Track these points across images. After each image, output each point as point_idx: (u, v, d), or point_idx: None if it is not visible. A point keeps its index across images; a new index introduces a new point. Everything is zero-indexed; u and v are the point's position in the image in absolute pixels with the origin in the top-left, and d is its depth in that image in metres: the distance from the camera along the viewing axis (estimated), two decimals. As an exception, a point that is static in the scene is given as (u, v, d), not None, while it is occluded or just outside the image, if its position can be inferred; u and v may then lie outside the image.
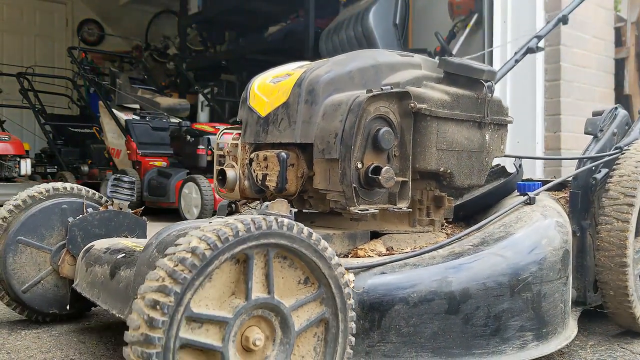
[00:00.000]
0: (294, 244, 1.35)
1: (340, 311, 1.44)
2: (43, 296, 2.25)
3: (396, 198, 1.87)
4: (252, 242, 1.29)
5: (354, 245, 1.90)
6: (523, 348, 1.78)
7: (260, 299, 1.33)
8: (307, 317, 1.42)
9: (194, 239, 1.25)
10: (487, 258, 1.78)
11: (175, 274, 1.20)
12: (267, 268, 1.34)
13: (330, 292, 1.43)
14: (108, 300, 1.81)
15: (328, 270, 1.41)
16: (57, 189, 2.30)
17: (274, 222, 1.32)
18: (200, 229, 1.28)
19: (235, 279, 1.33)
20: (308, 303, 1.41)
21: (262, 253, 1.33)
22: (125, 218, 2.31)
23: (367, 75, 1.95)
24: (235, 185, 2.04)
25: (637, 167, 2.13)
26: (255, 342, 1.32)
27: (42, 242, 2.25)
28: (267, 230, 1.31)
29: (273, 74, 2.10)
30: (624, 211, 2.08)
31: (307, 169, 1.93)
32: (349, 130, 1.74)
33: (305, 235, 1.37)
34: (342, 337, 1.45)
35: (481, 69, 1.99)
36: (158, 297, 1.19)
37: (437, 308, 1.67)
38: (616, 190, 2.11)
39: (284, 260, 1.39)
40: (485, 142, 2.05)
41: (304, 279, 1.42)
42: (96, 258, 1.99)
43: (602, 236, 2.10)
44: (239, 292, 1.32)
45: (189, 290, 1.21)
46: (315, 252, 1.38)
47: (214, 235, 1.25)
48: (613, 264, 2.08)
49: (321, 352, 1.45)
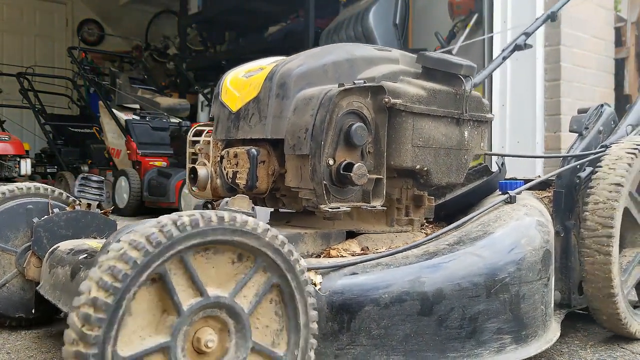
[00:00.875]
0: (208, 237, 1.26)
1: (286, 271, 1.38)
2: (9, 299, 2.20)
3: (370, 196, 1.82)
4: (157, 261, 1.19)
5: (327, 245, 1.85)
6: (501, 351, 1.73)
7: (194, 304, 1.25)
8: (254, 292, 1.36)
9: (93, 285, 1.15)
10: (463, 258, 1.73)
11: (86, 337, 1.11)
12: (189, 272, 1.26)
13: (269, 259, 1.36)
14: (68, 302, 1.74)
15: (257, 241, 1.33)
16: (22, 189, 2.25)
17: (173, 229, 1.21)
18: (98, 266, 1.17)
19: (160, 296, 1.24)
20: (250, 279, 1.35)
21: (176, 260, 1.24)
22: (93, 218, 2.23)
23: (342, 69, 1.90)
24: (207, 184, 2.00)
25: (611, 191, 2.07)
26: (208, 344, 1.27)
27: (6, 243, 2.19)
28: (168, 241, 1.19)
29: (246, 69, 2.05)
30: (604, 243, 2.03)
31: (278, 166, 1.88)
32: (319, 125, 1.69)
33: (215, 223, 1.27)
34: (299, 292, 1.40)
35: (459, 63, 1.93)
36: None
37: (409, 309, 1.61)
38: (593, 220, 2.06)
39: (206, 252, 1.29)
40: (464, 139, 2.00)
41: (237, 257, 1.34)
42: (59, 259, 1.94)
43: (586, 269, 2.07)
44: (169, 308, 1.24)
45: (108, 344, 1.13)
46: (235, 232, 1.29)
47: (110, 278, 1.14)
48: (601, 295, 2.05)
49: (284, 314, 1.41)
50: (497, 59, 2.66)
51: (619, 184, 2.05)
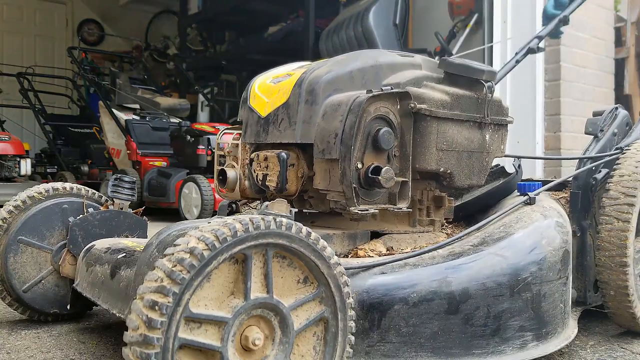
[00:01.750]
0: (293, 244, 1.36)
1: (339, 310, 1.44)
2: (44, 296, 2.26)
3: (396, 198, 1.87)
4: (250, 242, 1.29)
5: (354, 245, 1.90)
6: (523, 348, 1.78)
7: (259, 298, 1.33)
8: (306, 316, 1.42)
9: (193, 239, 1.25)
10: (487, 258, 1.78)
11: (174, 275, 1.20)
12: (266, 268, 1.34)
13: (329, 291, 1.43)
14: (108, 299, 1.81)
15: (327, 269, 1.41)
16: (58, 189, 2.30)
17: (272, 222, 1.32)
18: (198, 229, 1.28)
19: (234, 279, 1.32)
20: (307, 302, 1.41)
21: (261, 253, 1.33)
22: (126, 218, 2.31)
23: (368, 75, 1.95)
24: (236, 186, 2.04)
25: (637, 167, 2.12)
26: (255, 342, 1.32)
27: (42, 241, 2.25)
28: (265, 230, 1.30)
29: (274, 74, 2.10)
30: (624, 211, 2.07)
31: (307, 169, 1.93)
32: (349, 130, 1.74)
33: (303, 235, 1.37)
34: (342, 336, 1.45)
35: (481, 69, 1.99)
36: (157, 298, 1.19)
37: (436, 308, 1.67)
38: (617, 190, 2.11)
39: (283, 259, 1.39)
40: (486, 143, 2.05)
41: (303, 279, 1.42)
42: (97, 258, 1.99)
43: (602, 236, 2.10)
44: (238, 292, 1.32)
45: (188, 290, 1.21)
46: (314, 251, 1.39)
47: (212, 236, 1.25)
48: (613, 264, 2.08)
49: (321, 351, 1.45)
50: (510, 62, 2.72)
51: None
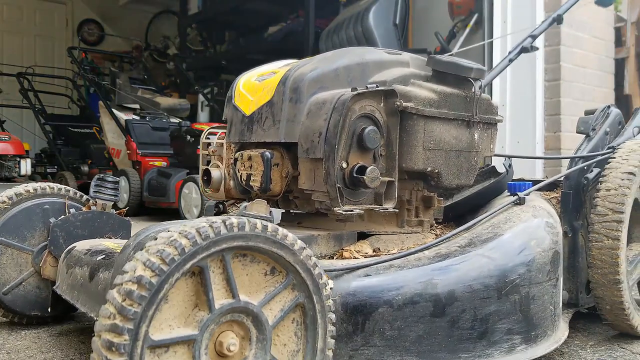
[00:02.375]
0: (250, 242, 1.31)
1: (314, 293, 1.41)
2: (24, 298, 2.22)
3: (382, 198, 1.84)
4: (202, 253, 1.24)
5: (340, 246, 1.87)
6: (511, 351, 1.75)
7: (225, 305, 1.29)
8: (280, 307, 1.39)
9: (139, 265, 1.19)
10: (474, 259, 1.75)
11: (125, 311, 1.15)
12: (226, 272, 1.30)
13: (299, 277, 1.39)
14: (87, 302, 1.78)
15: (292, 256, 1.37)
16: (38, 189, 2.27)
17: (221, 227, 1.26)
18: (145, 250, 1.22)
19: (195, 290, 1.28)
20: (278, 294, 1.38)
21: (218, 259, 1.29)
22: (109, 219, 2.26)
23: (354, 73, 1.92)
24: (221, 185, 2.01)
25: (623, 180, 2.08)
26: (230, 348, 1.30)
27: (23, 243, 2.22)
28: (215, 237, 1.25)
29: (259, 72, 2.07)
30: (613, 228, 2.03)
31: (291, 168, 1.90)
32: (333, 129, 1.71)
33: (259, 230, 1.32)
34: (321, 317, 1.43)
35: (469, 66, 1.95)
36: (112, 338, 1.14)
37: (422, 311, 1.63)
38: (604, 206, 2.07)
39: (244, 257, 1.34)
40: (474, 142, 2.02)
41: (270, 270, 1.38)
42: (77, 259, 1.96)
43: (593, 254, 2.07)
44: (202, 303, 1.28)
45: (143, 322, 1.16)
46: (275, 243, 1.34)
47: (158, 259, 1.19)
48: (607, 281, 2.06)
49: (303, 336, 1.43)
50: (503, 61, 2.67)
51: (631, 173, 2.07)
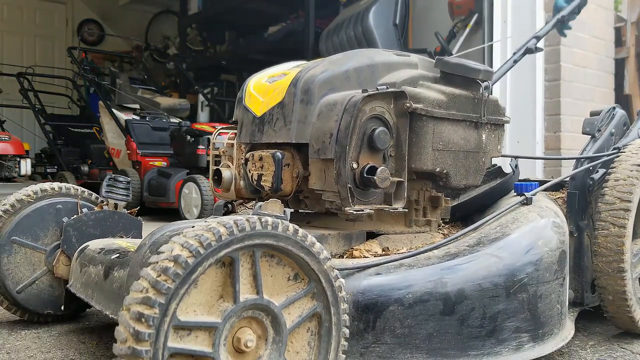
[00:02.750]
0: (280, 242, 1.34)
1: (332, 305, 1.43)
2: (38, 296, 2.25)
3: (392, 198, 1.87)
4: (236, 244, 1.28)
5: (349, 245, 1.89)
6: (519, 349, 1.77)
7: (249, 300, 1.31)
8: (298, 313, 1.41)
9: (176, 246, 1.23)
10: (483, 259, 1.77)
11: (159, 285, 1.18)
12: (254, 268, 1.33)
13: (320, 287, 1.42)
14: (102, 300, 1.81)
15: (317, 265, 1.39)
16: (52, 189, 2.29)
17: (257, 223, 1.30)
18: (182, 235, 1.26)
19: (222, 282, 1.31)
20: (299, 299, 1.40)
21: (248, 254, 1.32)
22: (120, 218, 2.29)
23: (363, 74, 1.94)
24: (231, 186, 2.03)
25: (632, 170, 2.11)
26: (247, 344, 1.31)
27: (36, 242, 2.24)
28: (250, 231, 1.29)
29: (269, 74, 2.09)
30: (620, 216, 2.06)
31: (302, 169, 1.92)
32: (344, 130, 1.73)
33: (291, 233, 1.35)
34: (336, 330, 1.44)
35: (478, 68, 1.98)
36: (143, 310, 1.17)
37: (432, 309, 1.65)
38: (612, 195, 2.09)
39: (271, 258, 1.37)
40: (482, 142, 2.04)
41: (293, 276, 1.41)
42: (90, 258, 1.98)
43: (599, 241, 2.09)
44: (227, 295, 1.31)
45: (174, 300, 1.19)
46: (303, 248, 1.37)
47: (196, 242, 1.23)
48: (611, 269, 2.07)
49: (315, 347, 1.44)
50: (508, 62, 2.70)
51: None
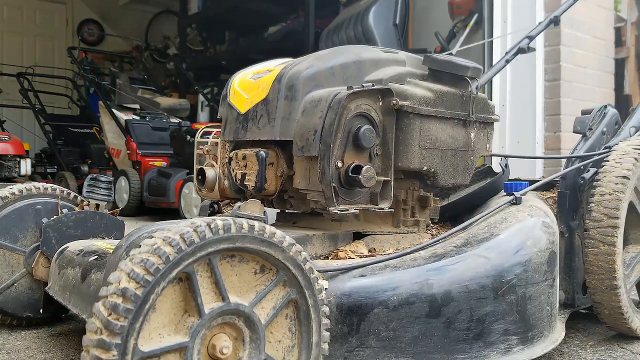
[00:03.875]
0: (237, 243, 1.29)
1: (305, 288, 1.40)
2: (17, 299, 2.20)
3: (378, 198, 1.83)
4: (187, 260, 1.21)
5: (335, 246, 1.85)
6: (507, 352, 1.74)
7: (215, 309, 1.27)
8: (272, 305, 1.37)
9: (123, 276, 1.16)
10: (470, 260, 1.74)
11: (111, 325, 1.12)
12: (214, 276, 1.28)
13: (290, 274, 1.38)
14: (79, 304, 1.76)
15: (282, 254, 1.35)
16: (31, 189, 2.25)
17: (206, 230, 1.24)
18: (129, 259, 1.19)
19: (183, 296, 1.26)
20: (270, 292, 1.36)
21: (204, 263, 1.27)
22: (102, 219, 2.24)
23: (349, 71, 1.91)
24: (215, 185, 2.00)
25: (617, 184, 2.07)
26: (223, 350, 1.28)
27: (15, 243, 2.19)
28: (200, 242, 1.22)
29: (254, 70, 2.05)
30: (609, 234, 2.02)
31: (287, 167, 1.89)
32: (328, 127, 1.70)
33: (246, 230, 1.29)
34: (314, 311, 1.42)
35: (466, 65, 1.94)
36: (100, 354, 1.12)
37: (417, 311, 1.62)
38: (599, 211, 2.06)
39: (232, 258, 1.32)
40: (471, 141, 2.01)
41: (259, 269, 1.36)
42: (69, 260, 1.94)
43: (590, 259, 2.07)
44: (191, 309, 1.26)
45: (131, 336, 1.14)
46: (262, 242, 1.32)
47: (142, 270, 1.16)
48: (604, 287, 2.05)
49: (297, 331, 1.42)
50: (500, 62, 2.67)
51: (625, 177, 2.06)
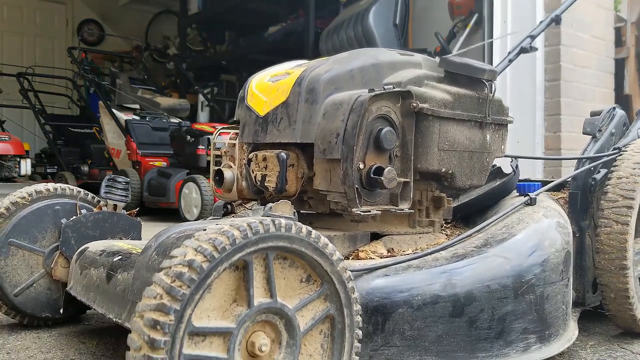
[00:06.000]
0: (294, 245, 1.32)
1: (345, 306, 1.41)
2: (36, 299, 2.19)
3: (398, 199, 1.85)
4: (250, 248, 1.25)
5: (354, 247, 1.87)
6: (526, 351, 1.76)
7: (263, 304, 1.29)
8: (312, 315, 1.39)
9: (190, 250, 1.20)
10: (491, 260, 1.76)
11: (174, 291, 1.15)
12: (267, 272, 1.31)
13: (333, 288, 1.40)
14: (104, 304, 1.77)
15: (330, 266, 1.38)
16: (50, 190, 2.24)
17: (271, 225, 1.28)
18: (195, 238, 1.24)
19: (236, 286, 1.29)
20: (312, 302, 1.39)
21: (262, 257, 1.30)
22: (119, 219, 2.24)
23: (368, 74, 1.92)
24: (233, 186, 2.01)
25: (635, 169, 2.11)
26: (262, 348, 1.29)
27: (34, 244, 2.19)
28: (264, 234, 1.27)
29: (272, 73, 2.07)
30: (623, 213, 2.05)
31: (307, 169, 1.90)
32: (351, 130, 1.71)
33: (304, 234, 1.33)
34: (349, 331, 1.43)
35: (483, 68, 1.96)
36: (158, 317, 1.14)
37: (441, 311, 1.64)
38: (615, 192, 2.08)
39: (284, 261, 1.36)
40: (487, 142, 2.03)
41: (306, 277, 1.39)
42: (91, 260, 1.95)
43: (601, 239, 2.08)
44: (241, 299, 1.29)
45: (189, 306, 1.17)
46: (316, 250, 1.35)
47: (210, 246, 1.20)
48: (613, 267, 2.06)
49: (329, 349, 1.42)
50: (503, 62, 2.69)
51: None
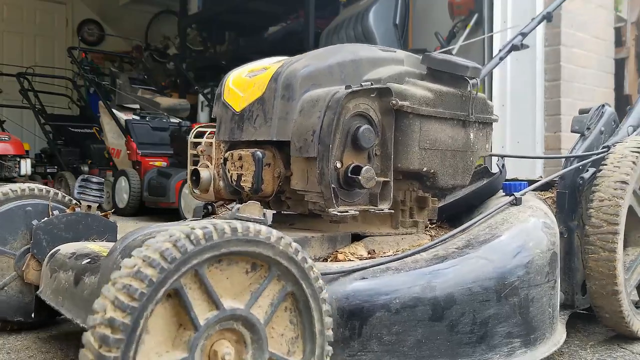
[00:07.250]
0: (222, 249, 1.24)
1: (301, 279, 1.36)
2: (7, 303, 2.14)
3: (377, 199, 1.80)
4: (172, 277, 1.16)
5: (334, 248, 1.82)
6: (510, 355, 1.71)
7: (211, 319, 1.23)
8: (269, 302, 1.34)
9: (108, 304, 1.11)
10: (473, 261, 1.71)
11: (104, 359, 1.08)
12: (204, 286, 1.23)
13: (282, 267, 1.34)
14: (72, 308, 1.72)
15: (271, 250, 1.31)
16: (21, 191, 2.19)
17: (187, 244, 1.18)
18: (111, 283, 1.13)
19: (176, 311, 1.21)
20: (265, 289, 1.33)
21: (191, 275, 1.22)
22: (93, 221, 2.19)
23: (347, 70, 1.87)
24: (210, 186, 1.96)
25: (616, 189, 2.05)
26: (225, 357, 1.24)
27: (4, 246, 2.13)
28: (182, 257, 1.17)
29: (249, 68, 2.02)
30: (609, 240, 2.01)
31: (284, 168, 1.85)
32: (327, 127, 1.66)
33: (229, 235, 1.24)
34: (313, 300, 1.38)
35: (465, 65, 1.91)
36: None
37: (420, 315, 1.59)
38: (598, 217, 2.04)
39: (219, 263, 1.27)
40: (470, 141, 1.98)
41: (250, 267, 1.32)
42: (61, 263, 1.90)
43: (590, 266, 2.05)
44: (186, 323, 1.21)
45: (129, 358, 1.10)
46: (249, 242, 1.27)
47: (126, 297, 1.11)
48: (605, 292, 2.04)
49: (299, 322, 1.39)
50: (494, 59, 2.66)
51: (624, 182, 2.04)
